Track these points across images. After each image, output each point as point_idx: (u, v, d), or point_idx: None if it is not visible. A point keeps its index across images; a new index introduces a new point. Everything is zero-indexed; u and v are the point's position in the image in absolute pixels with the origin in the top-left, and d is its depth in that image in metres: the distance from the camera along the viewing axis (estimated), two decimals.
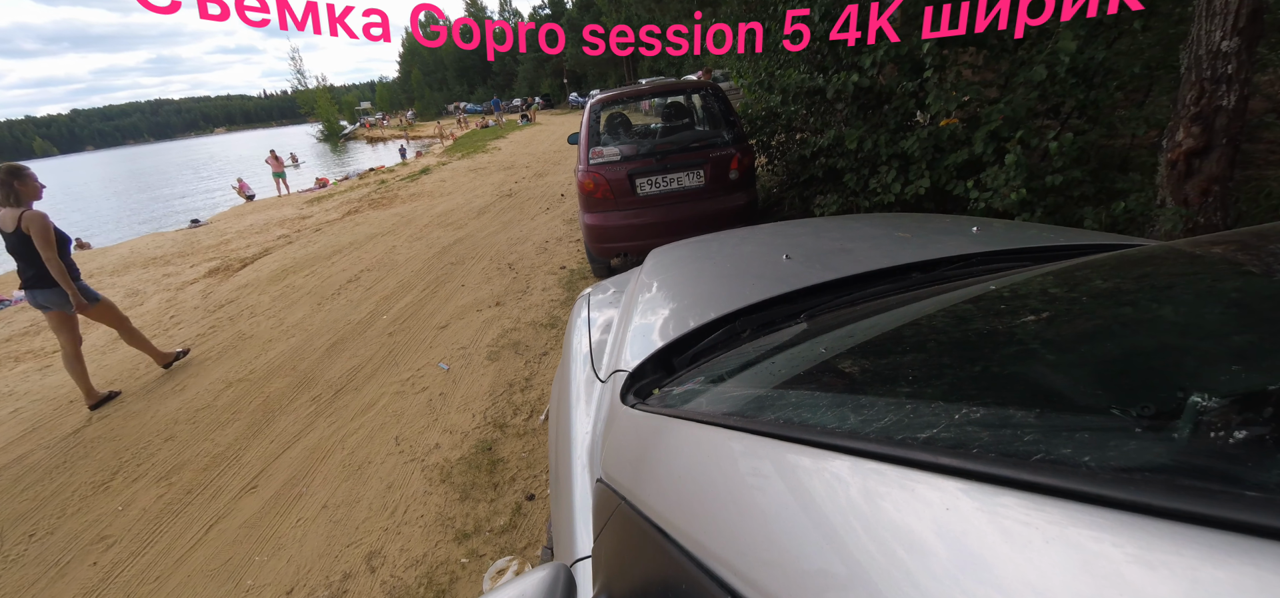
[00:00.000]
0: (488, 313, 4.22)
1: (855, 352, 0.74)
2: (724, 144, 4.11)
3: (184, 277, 7.04)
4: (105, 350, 4.71)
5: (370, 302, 4.79)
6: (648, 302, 1.31)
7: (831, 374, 0.70)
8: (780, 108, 4.80)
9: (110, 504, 2.71)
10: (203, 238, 10.17)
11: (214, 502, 2.60)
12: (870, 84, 3.69)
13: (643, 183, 4.08)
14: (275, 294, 5.43)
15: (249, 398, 3.45)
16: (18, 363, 4.90)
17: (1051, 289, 0.73)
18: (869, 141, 3.76)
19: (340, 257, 6.47)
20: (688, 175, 4.07)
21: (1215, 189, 2.71)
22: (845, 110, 4.05)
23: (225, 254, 7.98)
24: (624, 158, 4.10)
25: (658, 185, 4.09)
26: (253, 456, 2.89)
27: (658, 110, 5.93)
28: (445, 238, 6.70)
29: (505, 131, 26.96)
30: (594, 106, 4.46)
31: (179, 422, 3.31)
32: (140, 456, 3.06)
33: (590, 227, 4.18)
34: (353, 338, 4.09)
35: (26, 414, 3.75)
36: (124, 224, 19.51)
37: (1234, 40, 2.50)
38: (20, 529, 2.64)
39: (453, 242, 6.49)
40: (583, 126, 4.36)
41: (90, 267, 8.75)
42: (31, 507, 2.79)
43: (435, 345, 3.79)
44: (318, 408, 3.21)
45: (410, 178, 13.42)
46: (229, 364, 3.98)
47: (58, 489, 2.89)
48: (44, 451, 3.26)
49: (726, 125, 4.26)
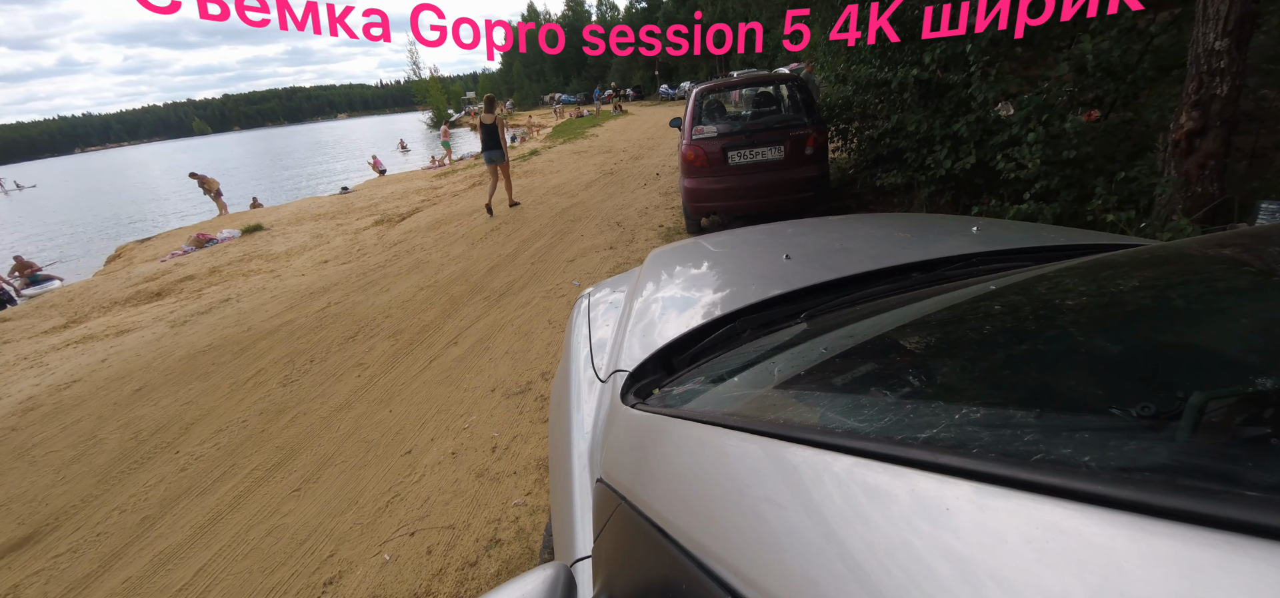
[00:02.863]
0: (604, 253, 5.37)
1: (855, 352, 0.74)
2: (801, 125, 4.98)
3: (356, 226, 8.80)
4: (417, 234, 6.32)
5: (512, 244, 6.11)
6: (648, 302, 1.31)
7: (831, 374, 0.70)
8: (853, 97, 5.59)
9: (358, 349, 4.07)
10: (354, 201, 12.15)
11: (429, 350, 3.88)
12: (929, 77, 4.43)
13: (733, 155, 5.04)
14: (435, 237, 6.91)
15: (438, 297, 4.79)
16: (257, 274, 6.66)
17: (1052, 289, 0.74)
18: (926, 125, 4.50)
19: (479, 214, 7.91)
20: (770, 149, 4.98)
21: (1211, 164, 3.29)
22: (908, 99, 4.79)
23: (382, 211, 9.74)
24: (719, 134, 5.08)
25: (745, 157, 5.04)
26: (450, 326, 4.17)
27: (748, 98, 6.86)
28: (561, 204, 7.97)
29: (600, 121, 28.48)
30: (697, 94, 5.46)
31: (392, 309, 4.69)
32: (371, 326, 4.44)
33: (689, 189, 5.20)
34: (504, 265, 5.38)
35: (283, 298, 5.34)
36: (278, 192, 22.71)
37: (1225, 40, 3.09)
38: (303, 358, 4.05)
39: (568, 206, 7.75)
40: (687, 110, 5.38)
41: (270, 219, 10.91)
42: (305, 348, 4.21)
43: (566, 271, 4.98)
44: (489, 303, 4.48)
45: (521, 159, 15.04)
46: (417, 278, 5.38)
47: (320, 340, 4.31)
48: (303, 319, 4.75)
49: (805, 110, 5.13)
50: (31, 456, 3.36)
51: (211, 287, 6.60)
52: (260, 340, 4.40)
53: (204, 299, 5.97)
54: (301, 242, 8.27)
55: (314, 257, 7.05)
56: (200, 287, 6.73)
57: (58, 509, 2.85)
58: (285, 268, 6.77)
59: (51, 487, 3.03)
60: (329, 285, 5.51)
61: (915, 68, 4.43)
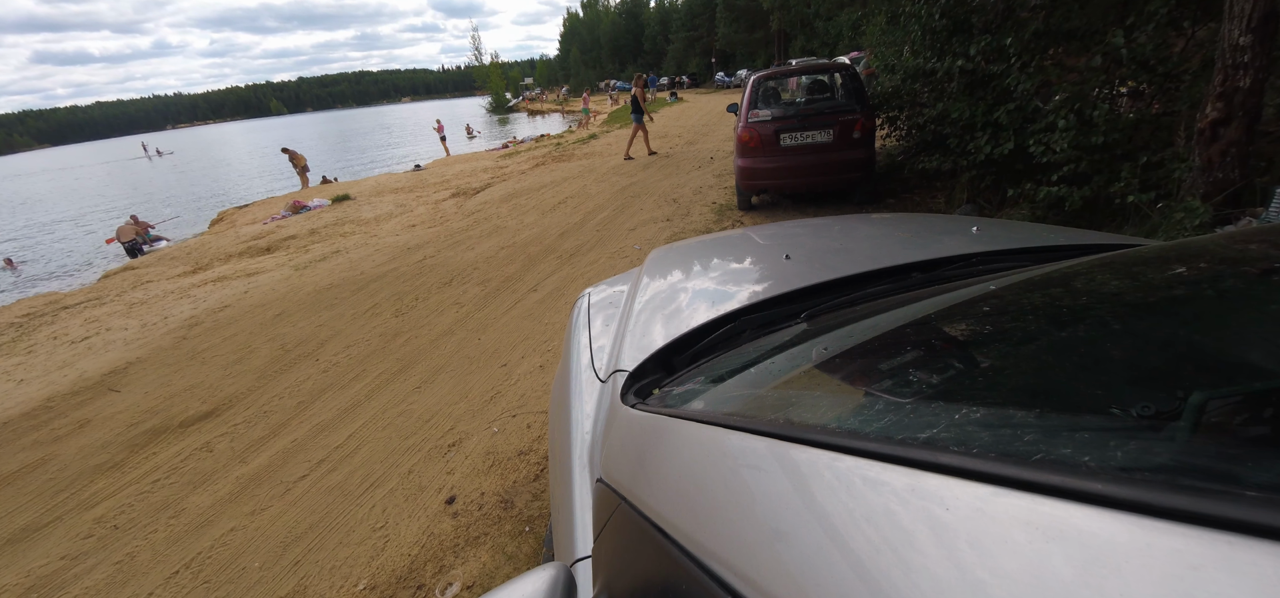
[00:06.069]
0: (661, 224, 5.93)
1: (855, 352, 0.75)
2: (851, 111, 5.37)
3: (434, 197, 9.68)
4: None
5: (578, 214, 6.76)
6: (648, 302, 1.31)
7: (831, 374, 0.71)
8: (902, 85, 5.92)
9: (453, 292, 4.79)
10: (427, 177, 13.13)
11: (514, 294, 4.55)
12: (973, 68, 4.75)
13: (785, 137, 5.49)
14: (509, 208, 7.65)
15: (516, 255, 5.47)
16: (354, 235, 7.56)
17: (1051, 289, 0.75)
18: (969, 113, 4.82)
19: (547, 190, 8.62)
20: (820, 133, 5.40)
21: (1233, 150, 3.53)
22: (953, 88, 5.11)
23: (456, 186, 10.62)
24: (773, 118, 5.54)
25: (796, 139, 5.47)
26: (529, 277, 4.84)
27: (803, 84, 7.26)
28: (621, 182, 8.57)
29: (655, 107, 28.98)
30: (754, 81, 5.92)
31: (478, 263, 5.41)
32: (462, 275, 5.15)
33: (742, 168, 5.68)
34: (573, 231, 6.03)
35: (384, 252, 6.17)
36: (349, 171, 24.18)
37: (1248, 36, 3.34)
38: (408, 297, 4.79)
39: (627, 184, 8.34)
40: (744, 96, 5.85)
41: (354, 191, 11.98)
42: (410, 289, 4.96)
43: (628, 238, 5.57)
44: (561, 261, 5.12)
45: (579, 142, 15.76)
46: (496, 240, 6.10)
47: (421, 284, 5.06)
48: (405, 267, 5.53)
49: (855, 97, 5.51)
50: (202, 357, 4.23)
51: (315, 244, 7.55)
52: (371, 282, 5.20)
53: (313, 252, 6.91)
54: (387, 210, 9.19)
55: (402, 222, 7.93)
56: (305, 244, 7.71)
57: (229, 395, 3.66)
58: (378, 230, 7.67)
59: (221, 380, 3.86)
60: (421, 243, 6.31)
61: (961, 59, 4.76)
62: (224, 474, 2.86)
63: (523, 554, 2.10)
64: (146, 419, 3.43)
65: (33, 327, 5.57)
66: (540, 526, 2.22)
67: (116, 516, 2.68)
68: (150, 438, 3.26)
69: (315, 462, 2.84)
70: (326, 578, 2.14)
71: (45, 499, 2.86)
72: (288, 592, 2.11)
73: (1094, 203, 3.93)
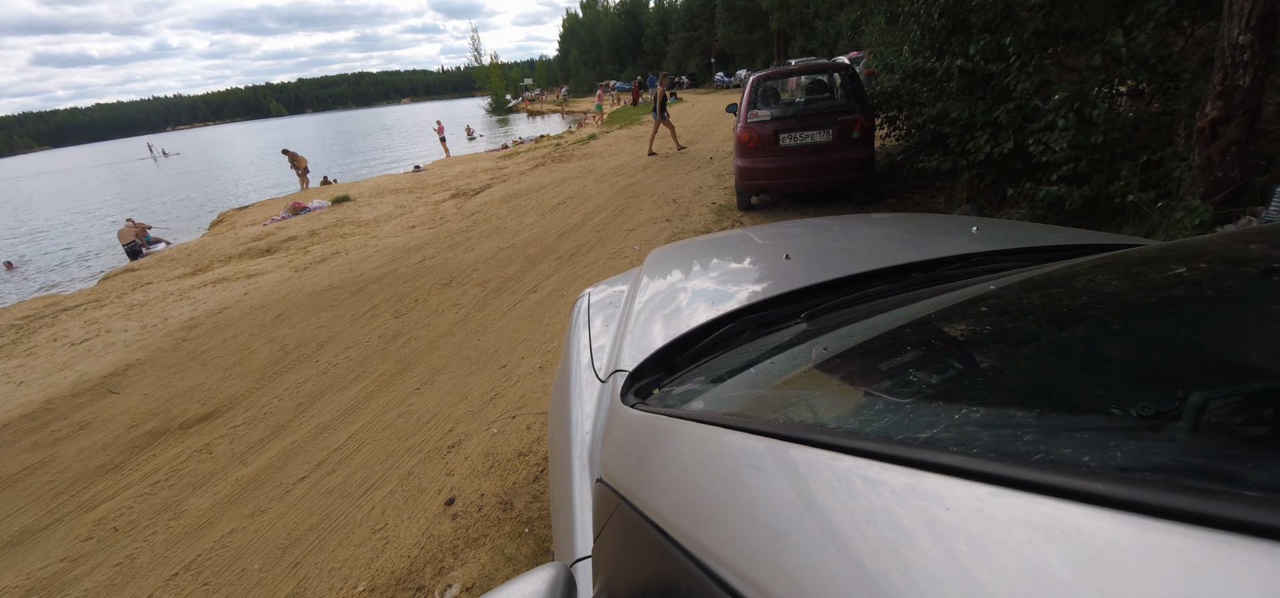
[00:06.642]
0: (661, 224, 5.93)
1: (855, 352, 0.75)
2: (850, 111, 5.37)
3: (434, 198, 9.68)
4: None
5: (578, 215, 6.76)
6: (648, 301, 1.31)
7: (831, 374, 0.71)
8: (901, 85, 5.92)
9: (453, 293, 4.78)
10: (427, 178, 13.12)
11: (513, 295, 4.55)
12: (973, 68, 4.75)
13: (784, 137, 5.48)
14: (509, 209, 7.65)
15: (516, 256, 5.47)
16: (354, 236, 7.56)
17: (1051, 289, 0.75)
18: (968, 112, 4.82)
19: (546, 190, 8.62)
20: (819, 133, 5.40)
21: (1233, 149, 3.53)
22: (953, 87, 5.10)
23: (456, 187, 10.61)
24: (773, 117, 5.54)
25: (796, 139, 5.47)
26: (529, 278, 4.84)
27: (801, 84, 7.25)
28: (620, 182, 8.57)
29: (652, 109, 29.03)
30: (753, 81, 5.92)
31: (477, 264, 5.40)
32: (461, 276, 5.15)
33: (742, 168, 5.67)
34: (573, 232, 6.03)
35: (383, 253, 6.16)
36: (350, 171, 24.25)
37: (1248, 35, 3.34)
38: (408, 298, 4.79)
39: (627, 185, 8.34)
40: (743, 96, 5.85)
41: (353, 192, 11.98)
42: (409, 290, 4.96)
43: (628, 238, 5.57)
44: (561, 262, 5.12)
45: (579, 143, 15.76)
46: (496, 241, 6.10)
47: (420, 285, 5.06)
48: (404, 269, 5.53)
49: (854, 96, 5.51)
50: (202, 359, 4.22)
51: (315, 245, 7.55)
52: (371, 284, 5.20)
53: (313, 253, 6.91)
54: (387, 211, 9.19)
55: (401, 223, 7.93)
56: (305, 245, 7.71)
57: (229, 396, 3.66)
58: (377, 231, 7.67)
59: (221, 381, 3.86)
60: (421, 244, 6.31)
61: (960, 58, 4.75)
62: (224, 476, 2.86)
63: (522, 556, 2.10)
64: (146, 421, 3.43)
65: (33, 328, 5.57)
66: (540, 527, 2.22)
67: (116, 518, 2.67)
68: (150, 440, 3.26)
69: (315, 463, 2.84)
70: (326, 580, 2.14)
71: (45, 501, 2.86)
72: (288, 593, 2.11)
73: (1094, 202, 3.93)
